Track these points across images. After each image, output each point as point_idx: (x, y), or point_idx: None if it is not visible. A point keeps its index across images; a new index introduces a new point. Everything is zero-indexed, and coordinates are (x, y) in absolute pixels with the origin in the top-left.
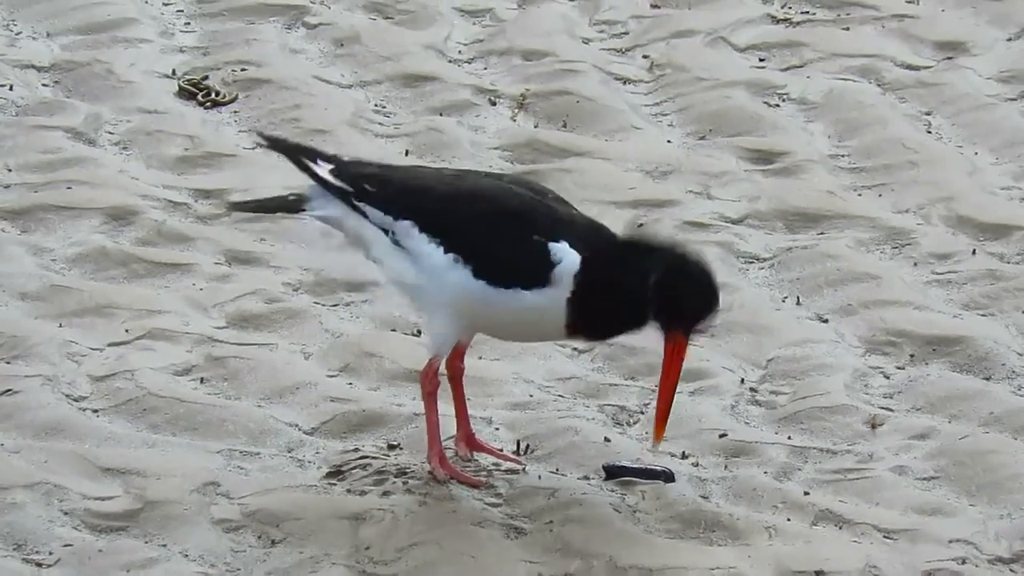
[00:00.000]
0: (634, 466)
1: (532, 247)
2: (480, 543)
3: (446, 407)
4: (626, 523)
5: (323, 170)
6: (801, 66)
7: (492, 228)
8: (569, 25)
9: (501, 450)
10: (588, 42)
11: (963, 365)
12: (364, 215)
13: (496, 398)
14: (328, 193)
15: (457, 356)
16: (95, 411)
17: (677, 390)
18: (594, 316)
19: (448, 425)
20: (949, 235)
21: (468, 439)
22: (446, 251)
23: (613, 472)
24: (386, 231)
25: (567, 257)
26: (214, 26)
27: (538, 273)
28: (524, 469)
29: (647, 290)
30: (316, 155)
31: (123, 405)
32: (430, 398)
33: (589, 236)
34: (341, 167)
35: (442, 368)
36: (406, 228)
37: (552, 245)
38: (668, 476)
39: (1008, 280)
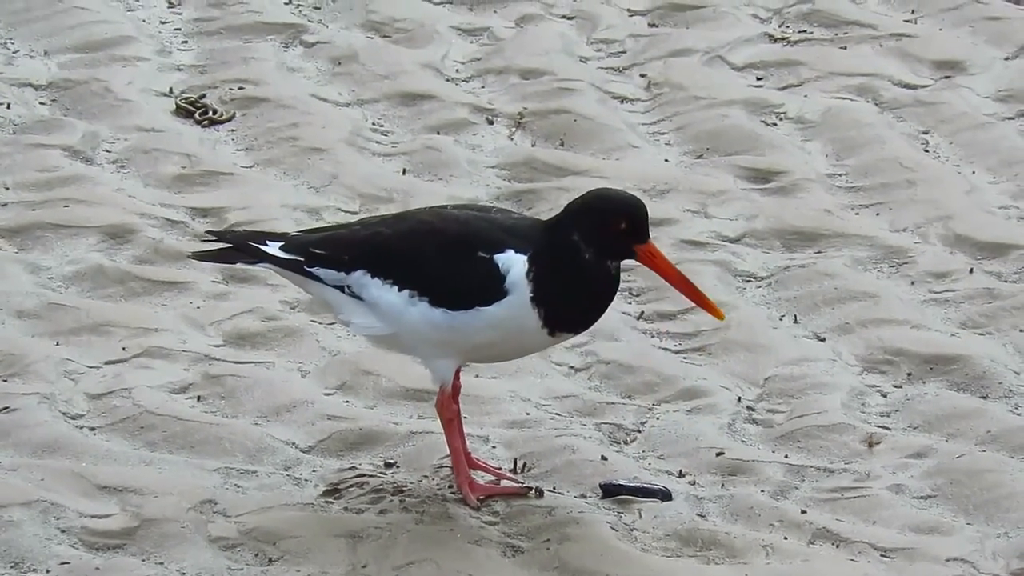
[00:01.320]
0: (631, 484)
1: (479, 265)
2: (477, 561)
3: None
4: (623, 541)
5: (273, 248)
6: (798, 85)
7: (437, 257)
8: (567, 44)
9: (500, 469)
10: (586, 61)
11: (960, 384)
12: (319, 279)
13: (493, 416)
14: (284, 270)
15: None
16: (92, 429)
17: (674, 408)
18: (563, 304)
19: (435, 445)
20: (947, 254)
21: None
22: (400, 289)
23: (610, 490)
24: (342, 288)
25: (515, 264)
26: (211, 44)
27: (492, 288)
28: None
29: (577, 235)
30: (264, 237)
31: (120, 423)
32: (450, 425)
33: (531, 234)
34: (289, 241)
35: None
36: (359, 279)
37: (497, 257)
38: (665, 494)
39: (1005, 299)
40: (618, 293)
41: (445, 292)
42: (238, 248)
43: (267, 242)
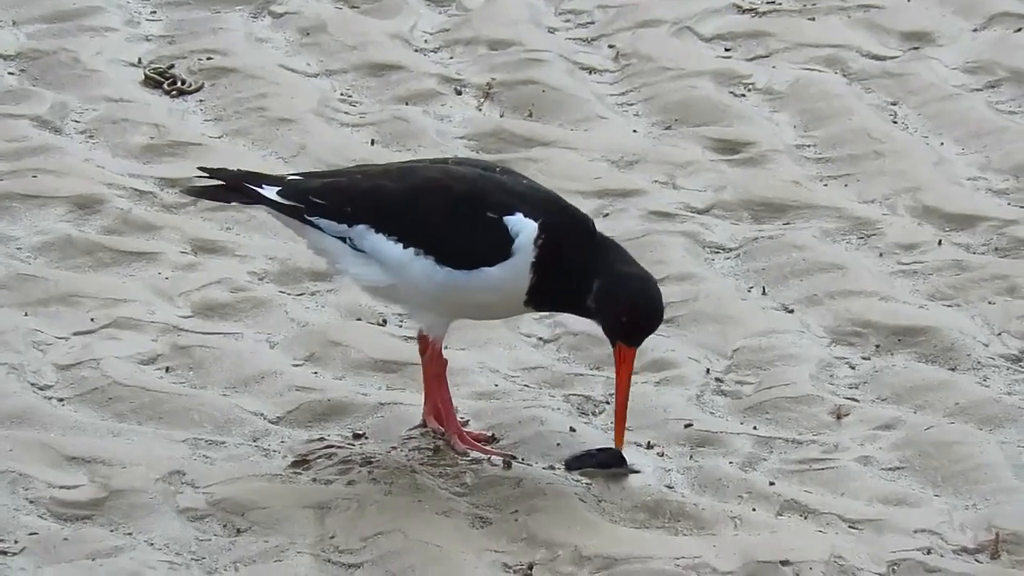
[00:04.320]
0: (590, 453)
1: (488, 225)
2: (446, 532)
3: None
4: (591, 512)
5: (271, 192)
6: (767, 56)
7: (446, 215)
8: (535, 14)
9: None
10: (554, 31)
11: (929, 356)
12: (319, 228)
13: (462, 388)
14: (281, 215)
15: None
16: (60, 400)
17: (643, 380)
18: (552, 284)
19: (404, 417)
20: (915, 225)
21: (436, 413)
22: (405, 246)
23: (572, 466)
24: (343, 239)
25: (525, 227)
26: (180, 15)
27: (499, 249)
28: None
29: (591, 296)
30: (261, 179)
31: (88, 394)
32: (437, 379)
33: (543, 204)
34: (288, 186)
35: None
36: (362, 232)
37: (507, 219)
38: (618, 458)
39: (974, 271)
40: None
41: (452, 251)
42: (234, 188)
43: (263, 185)
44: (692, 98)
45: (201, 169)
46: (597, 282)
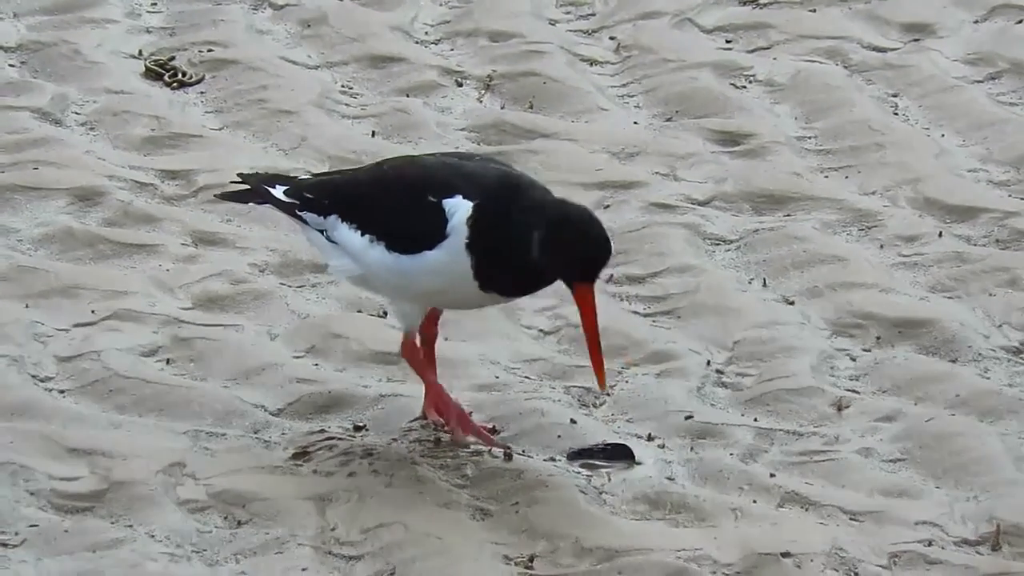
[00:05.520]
0: (593, 445)
1: (426, 208)
2: (446, 524)
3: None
4: (592, 505)
5: (278, 192)
6: (768, 48)
7: (393, 201)
8: (536, 6)
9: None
10: (555, 23)
11: (929, 347)
12: (306, 222)
13: (462, 380)
14: (282, 214)
15: (431, 321)
16: (61, 392)
17: (643, 371)
18: (495, 262)
19: (404, 408)
20: (916, 217)
21: (436, 405)
22: (363, 234)
23: (576, 457)
24: (322, 231)
25: (460, 207)
26: (180, 6)
27: (436, 231)
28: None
29: (534, 248)
30: (276, 180)
31: (89, 386)
32: (420, 367)
33: (490, 184)
34: (292, 185)
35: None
36: (333, 223)
37: (445, 201)
38: (626, 453)
39: (975, 262)
40: None
41: (396, 236)
42: (254, 190)
43: (276, 186)
44: (693, 90)
45: (238, 174)
46: (537, 233)
